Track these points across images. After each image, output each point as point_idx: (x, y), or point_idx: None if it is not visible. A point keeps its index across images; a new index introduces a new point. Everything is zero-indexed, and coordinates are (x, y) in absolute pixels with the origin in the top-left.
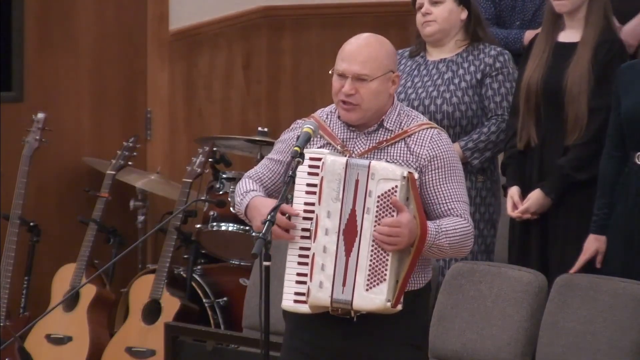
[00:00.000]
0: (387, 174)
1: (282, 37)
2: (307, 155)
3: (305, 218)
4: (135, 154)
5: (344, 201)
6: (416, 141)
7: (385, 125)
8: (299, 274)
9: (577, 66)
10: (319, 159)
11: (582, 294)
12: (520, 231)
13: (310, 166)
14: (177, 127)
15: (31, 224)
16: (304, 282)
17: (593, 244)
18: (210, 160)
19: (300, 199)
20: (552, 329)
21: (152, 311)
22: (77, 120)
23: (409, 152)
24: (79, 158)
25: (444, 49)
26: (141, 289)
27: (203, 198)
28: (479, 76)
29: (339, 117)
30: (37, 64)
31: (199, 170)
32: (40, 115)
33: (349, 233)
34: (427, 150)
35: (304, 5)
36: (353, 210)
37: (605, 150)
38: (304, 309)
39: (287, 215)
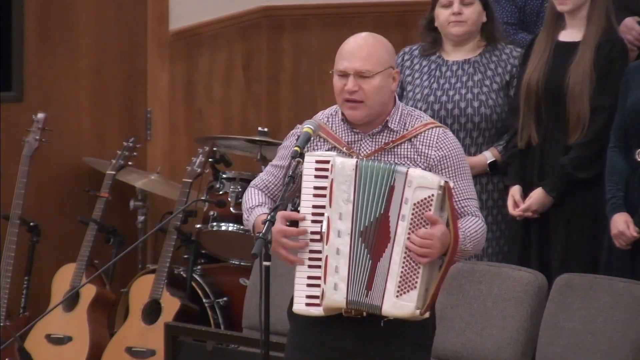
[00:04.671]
0: (424, 182)
1: (282, 37)
2: (314, 159)
3: (314, 221)
4: (135, 154)
5: (357, 203)
6: (423, 141)
7: (389, 126)
8: (309, 277)
9: (579, 65)
10: (327, 162)
11: (582, 294)
12: (522, 231)
13: (317, 169)
14: (177, 127)
15: (31, 224)
16: (316, 285)
17: (620, 218)
18: (210, 160)
19: (308, 202)
20: (552, 329)
21: (152, 311)
22: (77, 120)
23: (415, 153)
24: (79, 158)
25: (464, 49)
26: (141, 289)
27: (203, 198)
28: (507, 77)
29: (342, 120)
30: (37, 64)
31: (199, 170)
32: (40, 115)
33: (378, 238)
34: (436, 151)
35: (304, 5)
36: (386, 216)
37: (609, 145)
38: (317, 311)
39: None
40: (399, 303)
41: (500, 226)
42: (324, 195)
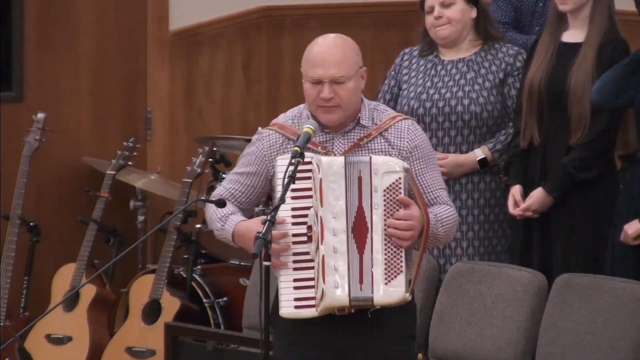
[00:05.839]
0: (389, 167)
1: (282, 37)
2: (287, 161)
3: (295, 223)
4: (135, 154)
5: (348, 200)
6: (394, 134)
7: (361, 122)
8: (296, 280)
9: (582, 66)
10: (306, 163)
11: (582, 294)
12: (523, 231)
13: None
14: (177, 127)
15: (31, 224)
16: (305, 287)
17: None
18: (210, 160)
19: (286, 205)
20: (552, 329)
21: (152, 311)
22: (77, 120)
23: (389, 146)
24: (79, 158)
25: (459, 49)
26: (141, 289)
27: (203, 198)
28: (501, 75)
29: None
30: (37, 64)
31: (199, 170)
32: (40, 115)
33: (359, 230)
34: (407, 142)
35: (304, 5)
36: (360, 208)
37: None
38: (308, 313)
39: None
40: (389, 290)
41: (493, 226)
42: (304, 197)
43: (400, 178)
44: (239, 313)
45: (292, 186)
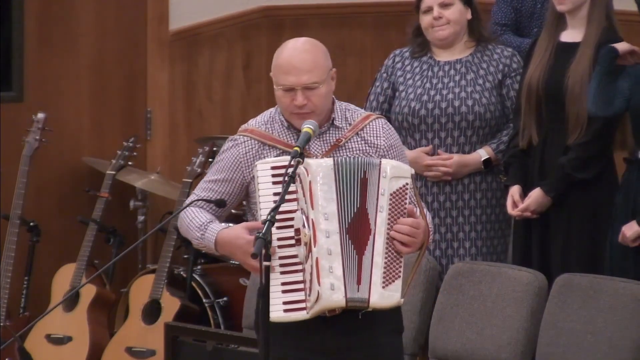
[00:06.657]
0: (398, 172)
1: (282, 37)
2: (268, 166)
3: (280, 227)
4: (135, 154)
5: (340, 201)
6: (370, 132)
7: (335, 123)
8: (284, 283)
9: (579, 66)
10: (290, 166)
11: (582, 294)
12: (523, 231)
13: (274, 175)
14: (177, 127)
15: (31, 224)
16: (294, 290)
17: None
18: (210, 160)
19: (269, 210)
20: (552, 329)
21: (152, 311)
22: (77, 120)
23: (366, 145)
24: (79, 158)
25: (454, 50)
26: (141, 289)
27: (202, 198)
28: (499, 77)
29: (287, 126)
30: (37, 64)
31: (199, 170)
32: (40, 115)
33: (359, 232)
34: (384, 140)
35: (304, 5)
36: (363, 210)
37: None
38: (299, 315)
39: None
40: (386, 294)
41: (494, 226)
42: (288, 200)
43: (407, 183)
44: (239, 313)
45: (275, 190)
